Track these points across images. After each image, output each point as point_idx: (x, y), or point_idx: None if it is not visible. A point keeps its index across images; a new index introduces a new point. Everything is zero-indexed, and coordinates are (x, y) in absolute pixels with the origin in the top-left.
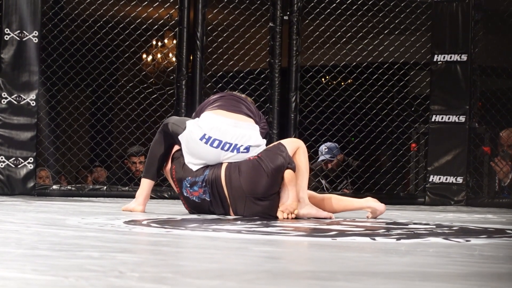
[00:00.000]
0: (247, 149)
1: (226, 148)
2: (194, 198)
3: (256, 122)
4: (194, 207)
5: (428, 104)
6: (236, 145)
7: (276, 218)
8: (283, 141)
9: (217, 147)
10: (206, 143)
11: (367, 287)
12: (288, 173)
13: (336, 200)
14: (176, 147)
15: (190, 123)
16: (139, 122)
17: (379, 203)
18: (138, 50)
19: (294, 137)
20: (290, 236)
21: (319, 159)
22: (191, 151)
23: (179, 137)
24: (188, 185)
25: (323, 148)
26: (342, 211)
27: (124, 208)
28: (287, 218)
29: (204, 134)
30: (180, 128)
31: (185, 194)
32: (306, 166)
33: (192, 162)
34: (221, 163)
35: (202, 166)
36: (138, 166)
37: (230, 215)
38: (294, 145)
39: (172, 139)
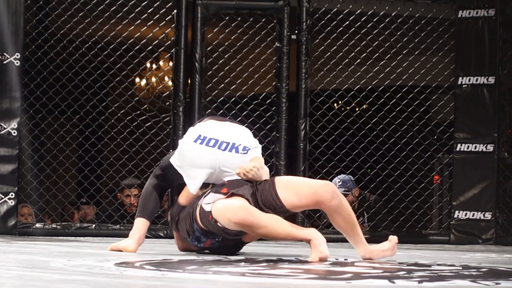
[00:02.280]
0: (246, 150)
1: (223, 147)
2: (213, 246)
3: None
4: (219, 249)
5: (452, 132)
6: (234, 144)
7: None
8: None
9: (213, 146)
10: (201, 143)
11: None
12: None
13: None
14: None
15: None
16: (131, 153)
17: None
18: (130, 73)
19: (303, 168)
20: (300, 279)
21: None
22: (187, 161)
23: (171, 160)
24: (196, 242)
25: (336, 181)
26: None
27: (113, 247)
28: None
29: (199, 135)
30: (169, 156)
31: (205, 246)
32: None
33: (190, 181)
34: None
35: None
36: (132, 199)
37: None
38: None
39: (165, 180)
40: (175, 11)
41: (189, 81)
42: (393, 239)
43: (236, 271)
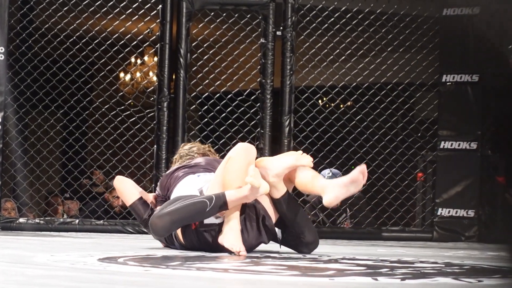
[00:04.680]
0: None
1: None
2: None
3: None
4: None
5: (436, 129)
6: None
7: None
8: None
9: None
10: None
11: None
12: None
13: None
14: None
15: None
16: (115, 148)
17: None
18: (115, 68)
19: None
20: (283, 276)
21: None
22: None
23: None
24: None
25: (326, 172)
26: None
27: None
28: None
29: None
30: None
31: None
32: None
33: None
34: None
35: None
36: (121, 201)
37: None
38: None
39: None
40: (160, 6)
41: (173, 77)
42: (359, 167)
43: (220, 267)
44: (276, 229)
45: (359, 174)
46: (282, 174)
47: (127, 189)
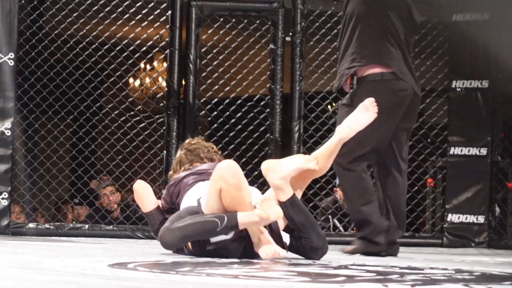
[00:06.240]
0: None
1: None
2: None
3: None
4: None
5: (446, 135)
6: None
7: None
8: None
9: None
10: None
11: None
12: None
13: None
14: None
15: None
16: (125, 153)
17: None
18: (124, 74)
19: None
20: (293, 281)
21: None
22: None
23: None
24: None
25: None
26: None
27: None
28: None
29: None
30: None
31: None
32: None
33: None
34: None
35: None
36: (111, 197)
37: None
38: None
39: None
40: (169, 12)
41: (183, 82)
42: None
43: (229, 273)
44: (284, 233)
45: (368, 102)
46: (288, 177)
47: (147, 195)
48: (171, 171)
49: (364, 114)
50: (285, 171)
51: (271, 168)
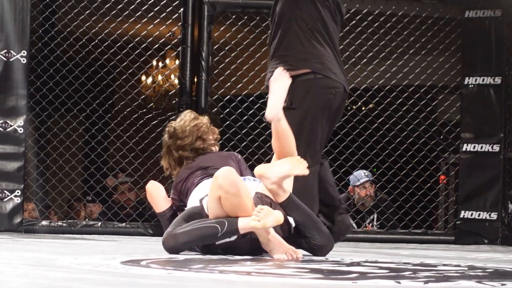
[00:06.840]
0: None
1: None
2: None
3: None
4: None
5: (459, 132)
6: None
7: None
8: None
9: None
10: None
11: None
12: None
13: None
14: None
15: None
16: (137, 151)
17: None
18: (137, 71)
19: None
20: (306, 278)
21: (360, 182)
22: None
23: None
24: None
25: (362, 172)
26: None
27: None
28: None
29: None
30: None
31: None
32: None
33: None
34: None
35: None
36: (127, 194)
37: None
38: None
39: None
40: (181, 9)
41: (195, 80)
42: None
43: (242, 270)
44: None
45: (276, 74)
46: (280, 182)
47: (160, 196)
48: (166, 165)
49: (278, 84)
50: (274, 178)
51: (262, 174)
